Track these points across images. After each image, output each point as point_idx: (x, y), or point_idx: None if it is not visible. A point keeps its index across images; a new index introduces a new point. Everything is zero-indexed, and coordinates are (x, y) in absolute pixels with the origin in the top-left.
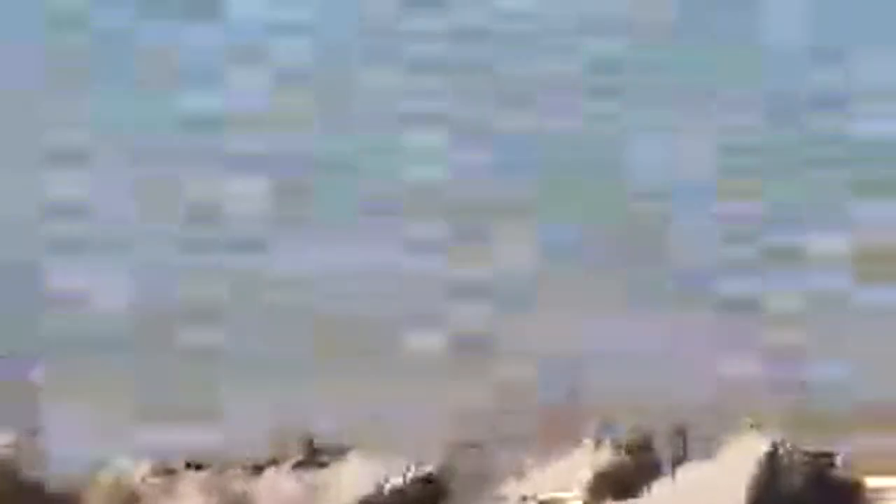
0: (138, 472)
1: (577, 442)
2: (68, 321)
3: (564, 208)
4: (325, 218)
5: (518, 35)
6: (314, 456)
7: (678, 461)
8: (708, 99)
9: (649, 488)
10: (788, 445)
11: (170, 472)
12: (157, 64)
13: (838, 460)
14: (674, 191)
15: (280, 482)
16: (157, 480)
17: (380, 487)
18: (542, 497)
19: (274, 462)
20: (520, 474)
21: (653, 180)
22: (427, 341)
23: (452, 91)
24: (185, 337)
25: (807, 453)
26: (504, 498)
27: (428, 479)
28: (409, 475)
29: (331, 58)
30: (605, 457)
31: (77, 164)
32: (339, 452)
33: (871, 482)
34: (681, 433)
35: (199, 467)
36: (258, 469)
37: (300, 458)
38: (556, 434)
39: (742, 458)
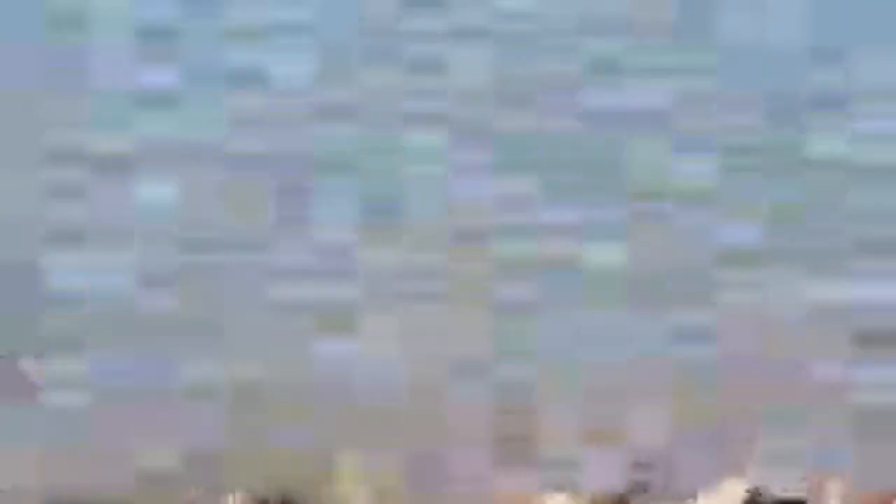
0: None
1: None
2: (68, 321)
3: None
4: (325, 218)
5: (518, 35)
6: None
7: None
8: (708, 99)
9: None
10: (765, 492)
11: None
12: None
13: None
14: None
15: None
16: None
17: None
18: None
19: None
20: None
21: (653, 180)
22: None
23: (452, 91)
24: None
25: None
26: None
27: None
28: None
29: (331, 58)
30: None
31: (77, 164)
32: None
33: None
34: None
35: None
36: None
37: None
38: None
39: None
